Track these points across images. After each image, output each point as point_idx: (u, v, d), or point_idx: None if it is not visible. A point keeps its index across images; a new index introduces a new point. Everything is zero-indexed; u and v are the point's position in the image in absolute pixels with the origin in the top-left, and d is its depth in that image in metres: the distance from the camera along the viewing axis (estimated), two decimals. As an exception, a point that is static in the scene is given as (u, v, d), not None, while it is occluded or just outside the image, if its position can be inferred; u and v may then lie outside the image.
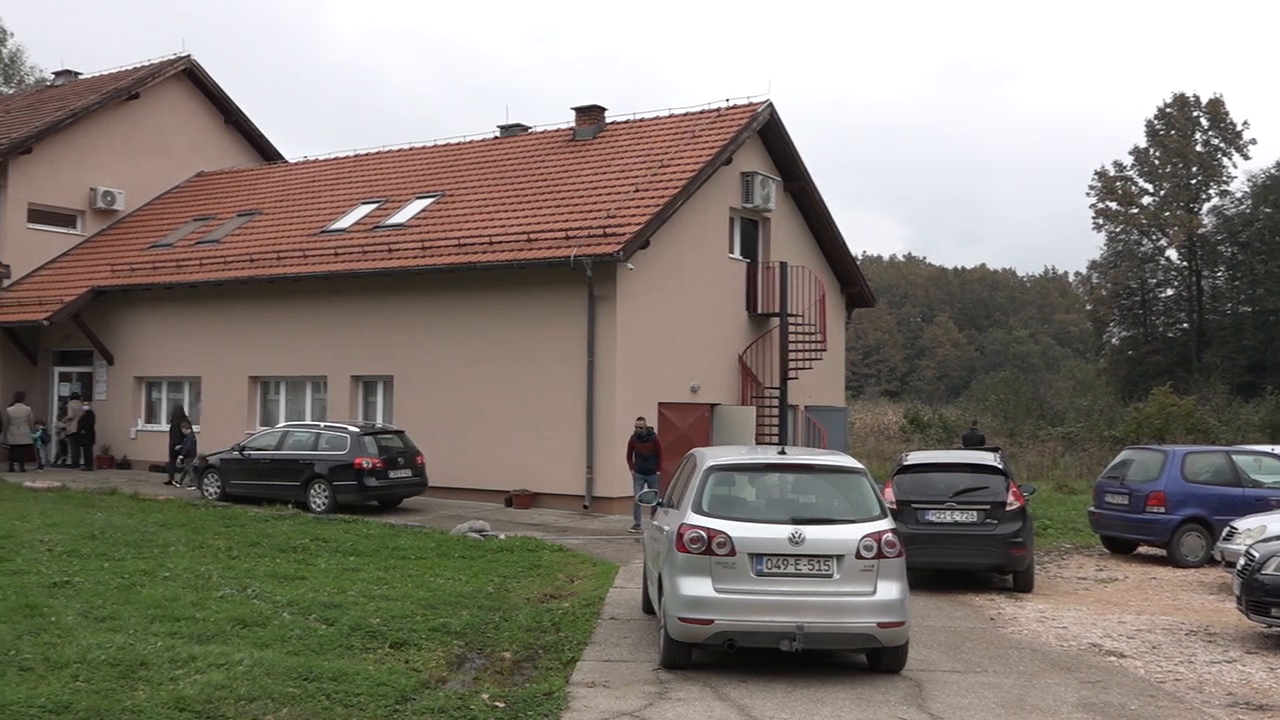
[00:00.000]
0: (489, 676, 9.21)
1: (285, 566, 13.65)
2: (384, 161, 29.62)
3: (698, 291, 23.12)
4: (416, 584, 12.80)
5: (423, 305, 23.36)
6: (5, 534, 15.30)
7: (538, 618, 11.29)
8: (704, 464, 10.00)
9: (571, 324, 21.39)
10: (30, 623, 9.96)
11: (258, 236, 27.41)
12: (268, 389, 26.28)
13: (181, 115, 33.61)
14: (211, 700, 7.87)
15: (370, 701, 8.12)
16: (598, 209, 22.36)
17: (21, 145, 29.61)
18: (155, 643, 9.36)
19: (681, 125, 24.98)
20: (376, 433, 20.96)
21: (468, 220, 24.07)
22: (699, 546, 9.23)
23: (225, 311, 26.42)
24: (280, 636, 9.86)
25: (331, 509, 19.82)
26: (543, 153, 26.45)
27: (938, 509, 14.03)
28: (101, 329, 28.20)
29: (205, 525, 17.17)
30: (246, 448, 21.53)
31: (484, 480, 22.09)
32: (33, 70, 54.23)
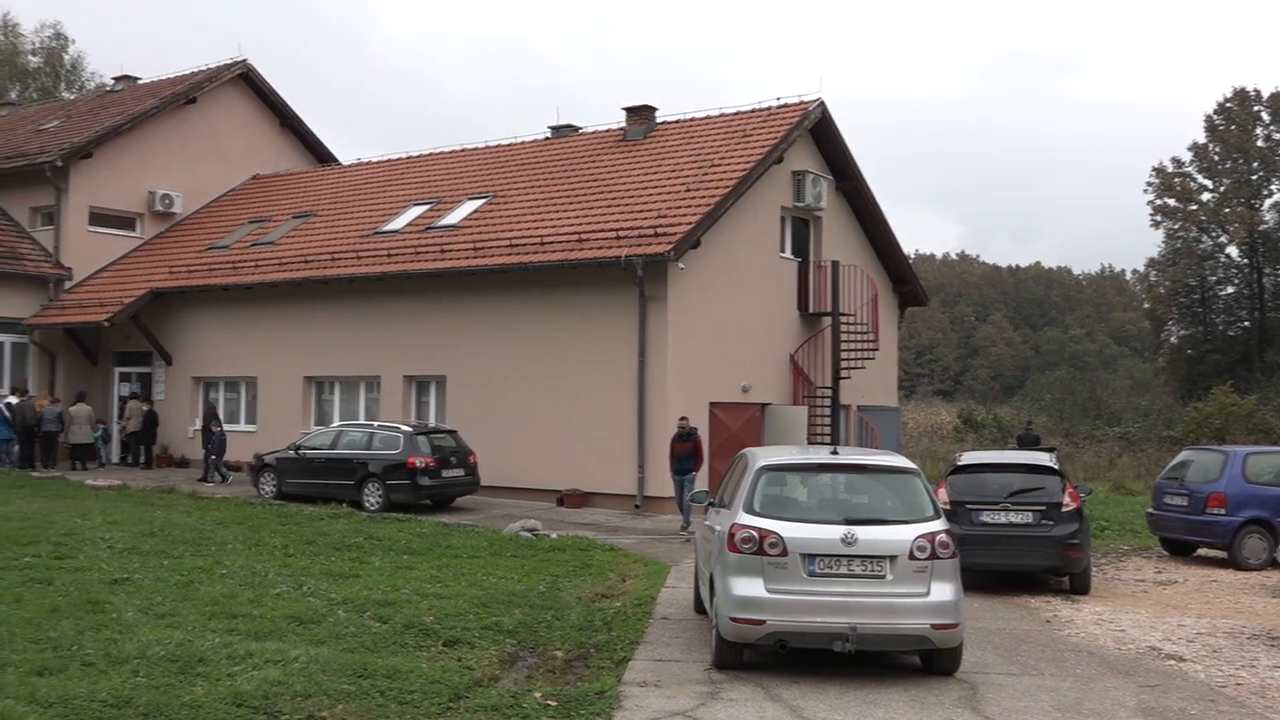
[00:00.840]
0: (541, 675, 9.25)
1: (340, 565, 13.78)
2: (436, 163, 29.83)
3: (749, 291, 23.06)
4: (469, 582, 12.87)
5: (475, 305, 23.49)
6: (68, 531, 15.59)
7: (589, 617, 11.31)
8: (755, 464, 9.97)
9: (622, 324, 21.42)
10: (92, 618, 10.14)
11: (312, 238, 27.71)
12: (322, 389, 26.56)
13: (238, 119, 34.07)
14: (268, 696, 7.96)
15: (424, 699, 8.18)
16: (648, 209, 22.36)
17: (82, 150, 30.18)
18: (213, 639, 9.49)
19: (732, 124, 24.93)
20: (429, 432, 21.11)
21: (519, 221, 24.18)
22: (751, 547, 9.21)
23: (280, 312, 26.74)
24: (335, 634, 9.95)
25: (385, 508, 19.99)
26: (593, 153, 26.51)
27: (992, 510, 13.89)
28: (160, 330, 28.64)
29: (262, 524, 17.38)
30: (302, 447, 21.77)
31: (536, 480, 22.17)
32: (93, 76, 55.27)
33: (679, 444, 18.77)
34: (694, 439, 18.88)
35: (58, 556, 13.55)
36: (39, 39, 55.80)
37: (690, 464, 18.68)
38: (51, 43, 55.85)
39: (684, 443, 18.75)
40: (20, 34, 55.58)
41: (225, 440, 24.97)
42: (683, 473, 18.62)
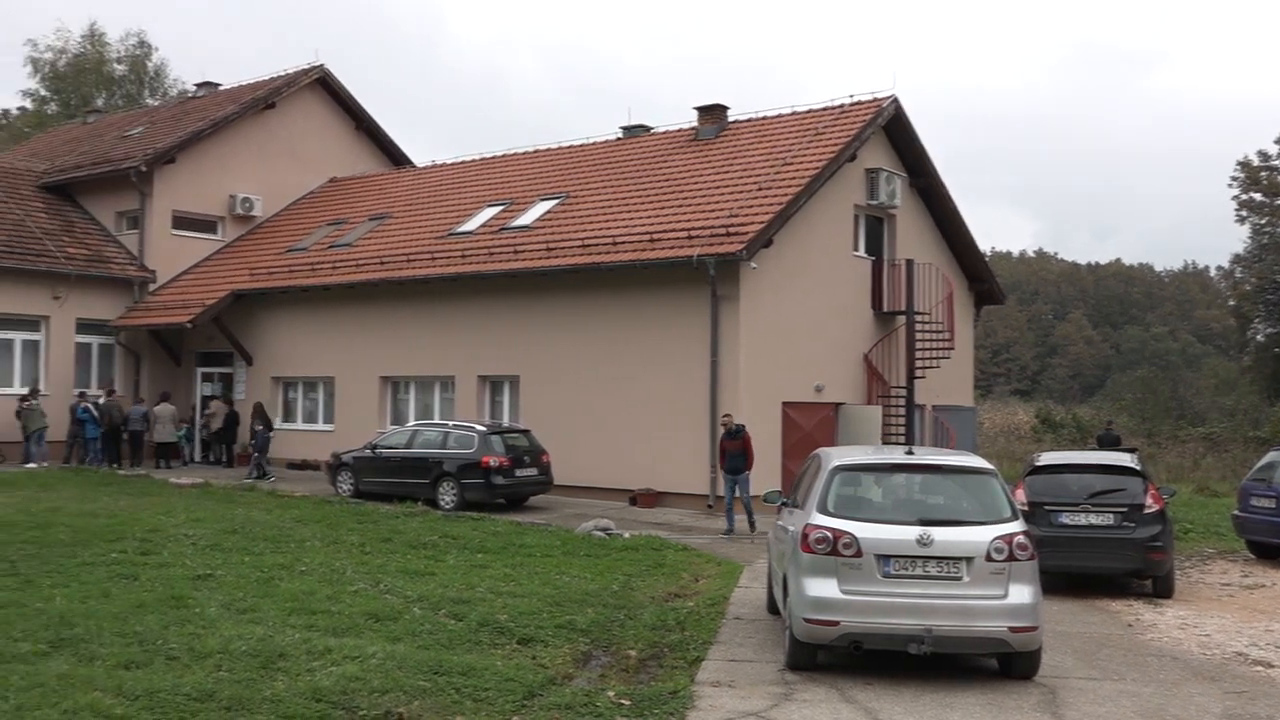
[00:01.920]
0: (614, 674, 9.27)
1: (415, 562, 13.93)
2: (509, 164, 30.04)
3: (822, 290, 22.92)
4: (543, 581, 12.95)
5: (548, 305, 23.62)
6: (152, 528, 15.95)
7: (662, 616, 11.32)
8: (829, 464, 9.90)
9: (695, 323, 21.40)
10: (176, 613, 10.37)
11: (388, 240, 28.06)
12: (398, 389, 26.88)
13: (315, 123, 34.62)
14: (346, 692, 8.08)
15: (498, 696, 8.24)
16: (720, 208, 22.32)
17: (166, 155, 30.88)
18: (293, 635, 9.65)
19: (804, 122, 24.79)
20: (503, 432, 21.27)
21: (591, 221, 24.27)
22: (824, 547, 9.15)
23: (357, 313, 27.12)
24: (411, 631, 10.07)
25: (460, 506, 20.17)
26: (665, 152, 26.52)
27: (1072, 511, 13.66)
28: (241, 331, 29.20)
29: (339, 521, 17.63)
30: (378, 446, 22.05)
31: (608, 479, 22.23)
32: (176, 83, 56.47)
33: (727, 442, 18.42)
34: (742, 436, 18.40)
35: (143, 553, 13.87)
36: (124, 48, 57.17)
37: (741, 463, 18.22)
38: (136, 51, 57.18)
39: (732, 441, 18.34)
40: (106, 43, 56.98)
41: (268, 439, 25.57)
42: (734, 472, 18.21)
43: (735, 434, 18.38)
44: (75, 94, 55.38)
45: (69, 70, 56.11)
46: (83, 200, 32.51)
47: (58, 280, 28.97)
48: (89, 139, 36.92)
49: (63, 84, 56.27)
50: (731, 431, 18.42)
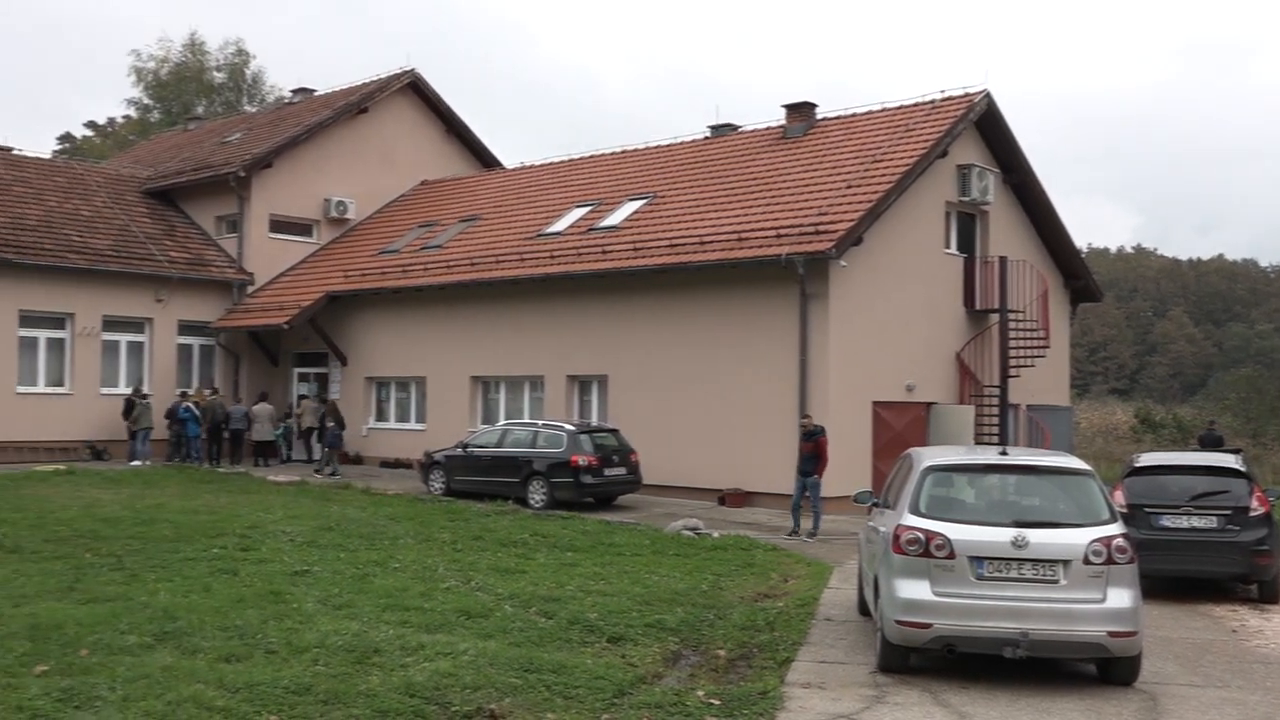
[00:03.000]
0: (704, 674, 9.26)
1: (506, 560, 14.06)
2: (597, 165, 30.18)
3: (913, 288, 22.64)
4: (632, 580, 12.98)
5: (636, 305, 23.68)
6: (251, 525, 16.32)
7: (752, 617, 11.28)
8: (921, 464, 9.78)
9: (783, 322, 21.29)
10: (274, 608, 10.60)
11: (478, 241, 28.37)
12: (488, 388, 27.16)
13: (406, 127, 35.16)
14: (439, 688, 8.18)
15: (589, 694, 8.28)
16: (809, 206, 22.17)
17: (263, 160, 31.61)
18: (387, 631, 9.80)
19: (894, 119, 24.51)
20: (592, 431, 21.37)
21: (679, 221, 24.27)
22: (916, 548, 9.04)
23: (448, 314, 27.46)
24: (502, 628, 10.17)
25: (549, 505, 20.32)
26: (753, 151, 26.42)
27: (1173, 513, 13.31)
28: (336, 332, 29.75)
29: (431, 519, 17.86)
30: (469, 445, 22.30)
31: (697, 478, 22.22)
32: (272, 89, 57.74)
33: (801, 444, 18.14)
34: (816, 439, 17.98)
35: (243, 549, 14.21)
36: (223, 56, 58.64)
37: (812, 465, 17.80)
38: (234, 59, 58.61)
39: (805, 442, 18.03)
40: (206, 52, 58.50)
41: (338, 437, 26.36)
42: (804, 474, 17.87)
43: (811, 436, 18.04)
44: (177, 102, 56.95)
45: (171, 79, 57.71)
46: (184, 205, 33.41)
47: (160, 283, 29.82)
48: (190, 145, 37.94)
49: (165, 92, 57.90)
50: (809, 433, 18.11)
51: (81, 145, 59.72)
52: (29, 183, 30.91)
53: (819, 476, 17.87)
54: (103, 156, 49.41)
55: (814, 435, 17.99)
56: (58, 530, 15.27)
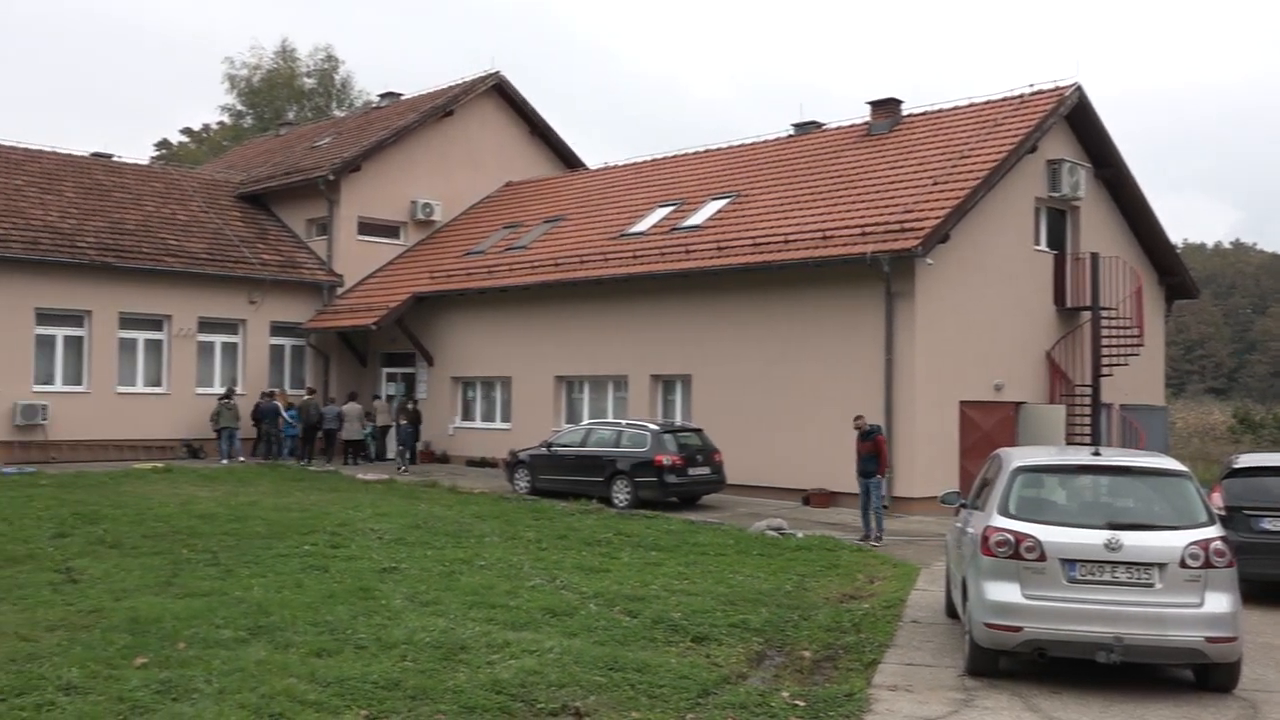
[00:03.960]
0: (789, 675, 9.21)
1: (591, 559, 14.12)
2: (680, 165, 30.18)
3: (1001, 286, 22.28)
4: (716, 580, 12.96)
5: (719, 305, 23.64)
6: (341, 523, 16.62)
7: (837, 618, 11.19)
8: (1010, 465, 9.62)
9: (869, 321, 21.09)
10: (364, 604, 10.78)
11: (562, 241, 28.54)
12: (572, 388, 27.31)
13: (491, 128, 35.52)
14: (525, 685, 8.25)
15: (673, 694, 8.28)
16: (894, 203, 21.94)
17: (352, 164, 32.16)
18: (473, 628, 9.91)
19: (982, 114, 24.15)
20: (676, 430, 21.37)
21: (762, 219, 24.18)
22: (1006, 550, 8.89)
23: (532, 314, 27.67)
24: (587, 626, 10.21)
25: (633, 504, 20.36)
26: (837, 149, 26.22)
27: (1274, 516, 12.90)
28: (422, 332, 30.14)
29: (516, 518, 18.01)
30: (553, 444, 22.45)
31: (781, 478, 22.11)
32: (360, 94, 58.79)
33: (859, 444, 17.79)
34: (874, 439, 17.64)
35: (333, 545, 14.47)
36: (313, 62, 59.85)
37: (873, 465, 17.45)
38: (324, 65, 59.78)
39: (863, 442, 17.69)
40: (296, 59, 59.75)
41: (410, 434, 27.49)
42: (865, 475, 17.50)
43: (867, 436, 17.66)
44: (268, 108, 58.23)
45: (263, 85, 59.01)
46: (276, 208, 34.12)
47: (253, 285, 30.49)
48: (281, 150, 38.75)
49: (257, 99, 59.23)
50: (865, 433, 17.73)
51: (178, 151, 61.33)
52: (128, 188, 31.82)
53: (881, 476, 17.59)
54: (198, 162, 50.69)
55: (871, 435, 17.68)
56: (156, 526, 15.70)
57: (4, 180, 29.36)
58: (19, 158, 31.07)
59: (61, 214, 28.91)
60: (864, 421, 17.89)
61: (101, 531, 15.06)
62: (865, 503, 17.40)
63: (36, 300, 27.00)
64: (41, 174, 30.58)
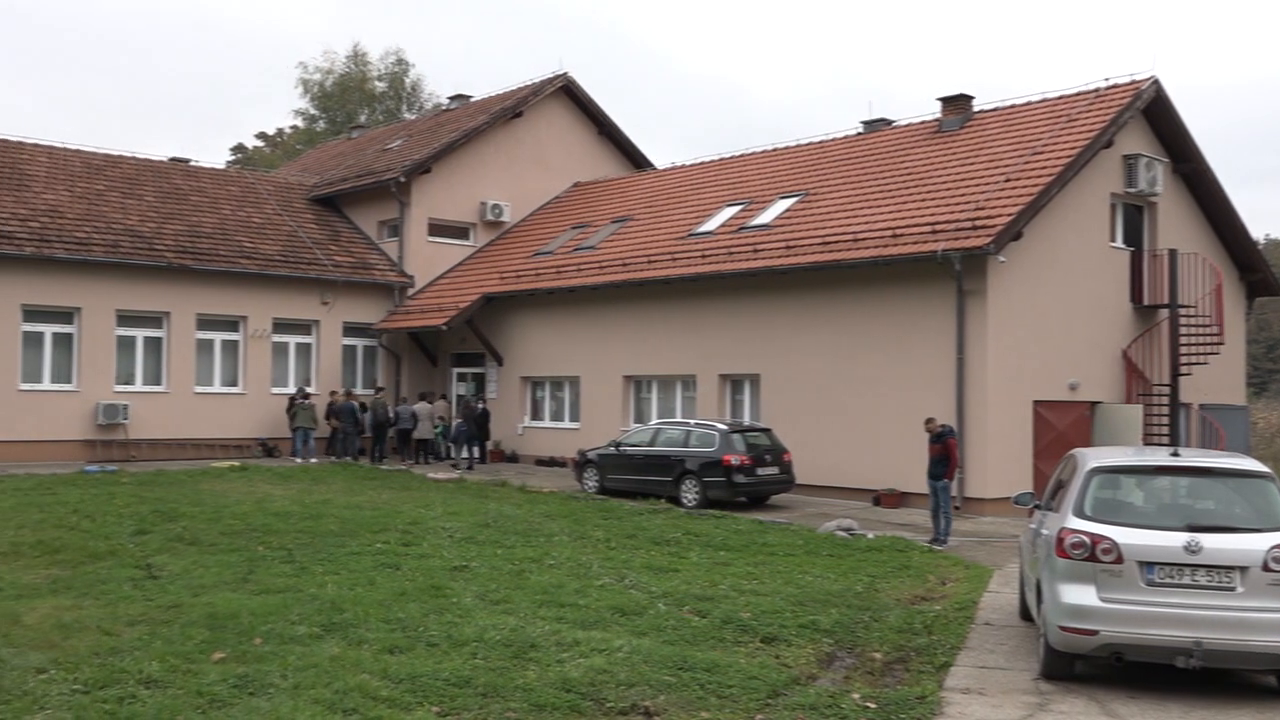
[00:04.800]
0: (859, 676, 9.14)
1: (659, 559, 14.13)
2: (748, 164, 30.08)
3: (1076, 284, 21.91)
4: (785, 580, 12.90)
5: (788, 304, 23.52)
6: (413, 521, 16.80)
7: (908, 619, 11.08)
8: (1086, 465, 9.46)
9: (939, 320, 20.87)
10: (435, 602, 10.88)
11: (630, 241, 28.59)
12: (640, 388, 27.35)
13: (559, 130, 35.69)
14: (594, 684, 8.28)
15: (742, 694, 8.26)
16: (966, 201, 21.68)
17: (422, 166, 32.50)
18: (543, 626, 9.97)
19: (1055, 109, 23.77)
20: (744, 430, 21.30)
21: (831, 218, 24.02)
22: (1081, 552, 8.74)
23: (601, 314, 27.75)
24: (656, 626, 10.22)
25: (702, 504, 20.34)
26: (907, 146, 25.97)
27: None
28: (492, 332, 30.38)
29: (585, 517, 18.08)
30: (622, 444, 22.49)
31: (851, 478, 21.96)
32: (430, 97, 59.34)
33: (930, 446, 17.51)
34: (944, 441, 17.29)
35: (404, 544, 14.64)
36: (384, 66, 60.51)
37: (941, 468, 17.15)
38: (395, 69, 60.42)
39: (934, 445, 17.40)
40: (368, 62, 60.48)
41: (465, 432, 27.96)
42: (933, 478, 17.23)
43: (939, 438, 17.37)
44: (341, 111, 59.02)
45: (335, 89, 59.83)
46: (348, 210, 34.60)
47: (326, 286, 30.94)
48: (353, 153, 39.28)
49: (330, 102, 60.06)
50: (936, 435, 17.42)
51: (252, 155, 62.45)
52: (205, 192, 32.46)
53: (949, 480, 17.29)
54: (272, 166, 51.59)
55: (942, 437, 17.39)
56: (233, 524, 15.99)
57: (86, 185, 30.11)
58: (100, 163, 31.84)
59: (141, 218, 29.56)
60: (935, 424, 17.64)
61: (180, 529, 15.38)
62: (935, 505, 17.18)
63: (117, 302, 27.65)
64: (122, 179, 31.31)
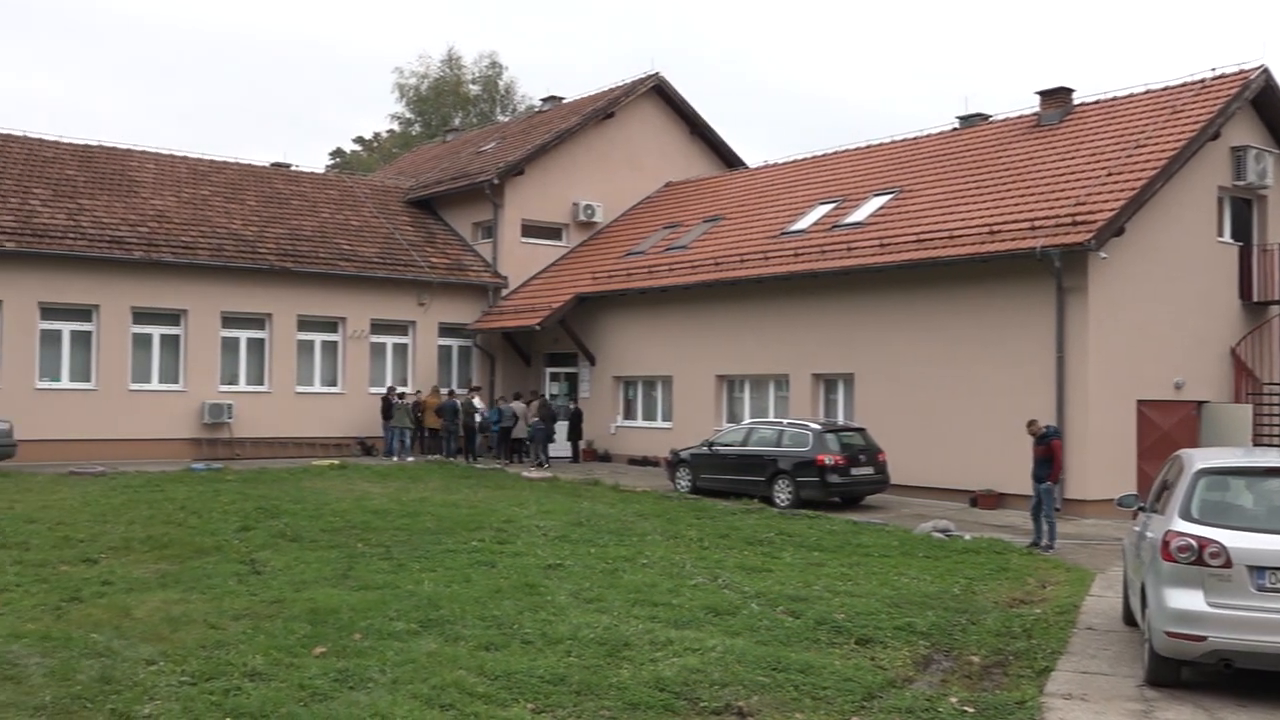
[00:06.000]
0: (956, 679, 9.00)
1: (752, 559, 14.08)
2: (840, 161, 29.82)
3: (1181, 280, 21.32)
4: (880, 581, 12.76)
5: (882, 302, 23.27)
6: (507, 519, 16.97)
7: (1007, 623, 10.88)
8: (1193, 466, 9.20)
9: (1038, 318, 20.46)
10: (529, 600, 10.98)
11: (722, 241, 28.53)
12: (733, 387, 27.28)
13: (651, 130, 35.75)
14: (688, 683, 8.28)
15: (837, 696, 8.19)
16: (1066, 196, 21.23)
17: (515, 167, 32.83)
18: (636, 625, 9.99)
19: (1159, 100, 23.15)
20: (838, 430, 21.13)
21: (926, 215, 23.70)
22: (1188, 556, 8.50)
23: (693, 313, 27.74)
24: (749, 626, 10.19)
25: (795, 504, 20.22)
26: (1005, 141, 25.51)
27: None
28: (584, 332, 30.55)
29: (678, 516, 18.08)
30: (714, 444, 22.46)
31: (947, 479, 21.65)
32: (524, 99, 59.92)
33: (1034, 447, 17.09)
34: (1047, 442, 16.86)
35: (499, 541, 14.80)
36: (478, 69, 61.28)
37: (1045, 470, 16.72)
38: (488, 72, 61.15)
39: (1037, 446, 17.01)
40: (462, 66, 61.29)
41: (545, 431, 28.04)
42: (1036, 480, 16.81)
43: (1043, 439, 16.95)
44: (435, 115, 59.89)
45: (430, 93, 60.74)
46: (443, 212, 35.09)
47: (422, 288, 31.42)
48: (448, 156, 39.82)
49: (425, 106, 60.99)
50: (1040, 436, 16.99)
51: (350, 159, 63.62)
52: (305, 196, 33.18)
53: (1052, 482, 16.84)
54: (370, 169, 52.52)
55: (1046, 438, 16.98)
56: (332, 521, 16.32)
57: (192, 191, 30.98)
58: (205, 169, 32.72)
59: (244, 222, 30.32)
60: (1039, 425, 17.25)
61: (282, 525, 15.73)
62: (1036, 507, 16.83)
63: (222, 305, 28.41)
64: (226, 184, 32.15)
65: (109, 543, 14.09)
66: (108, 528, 15.28)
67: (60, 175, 29.39)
